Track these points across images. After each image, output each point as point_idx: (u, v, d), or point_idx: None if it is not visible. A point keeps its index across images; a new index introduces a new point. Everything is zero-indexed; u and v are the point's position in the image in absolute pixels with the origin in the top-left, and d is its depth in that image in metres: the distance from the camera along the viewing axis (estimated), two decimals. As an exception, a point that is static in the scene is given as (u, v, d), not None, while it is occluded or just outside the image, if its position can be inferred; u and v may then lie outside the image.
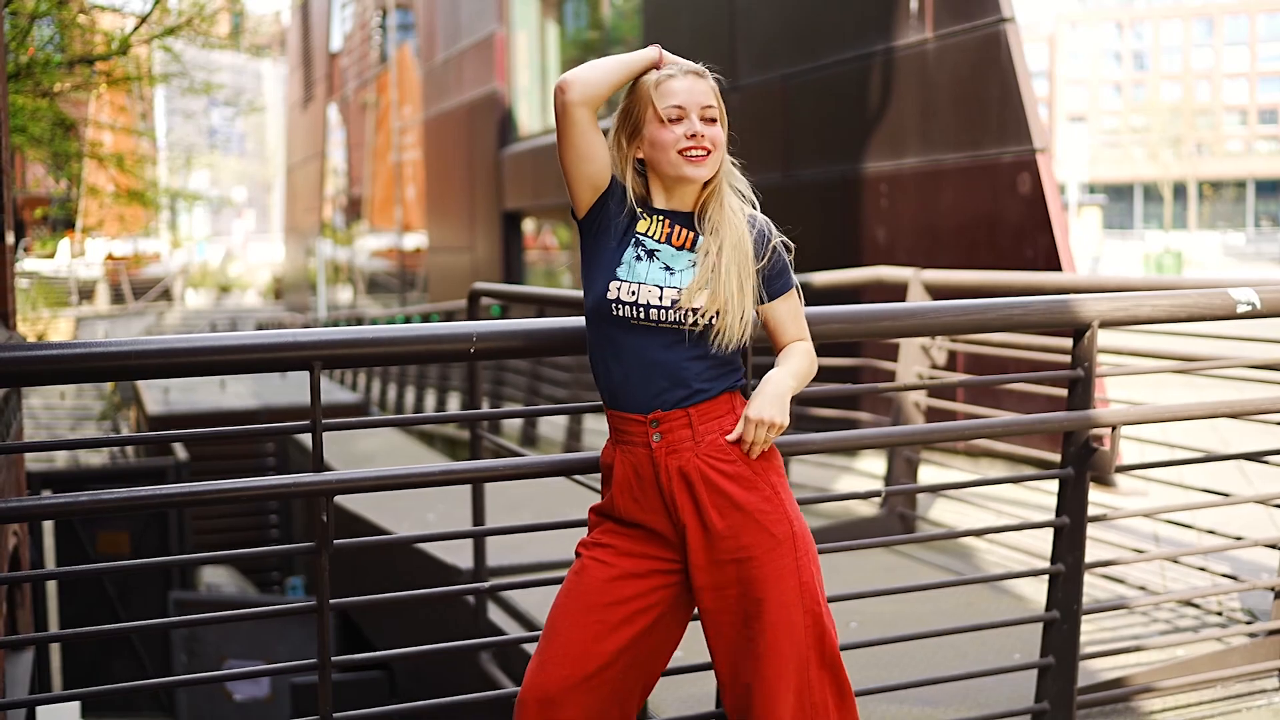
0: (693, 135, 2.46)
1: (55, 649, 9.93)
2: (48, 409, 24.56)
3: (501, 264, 20.98)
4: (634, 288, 2.46)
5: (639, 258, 2.49)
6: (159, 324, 38.94)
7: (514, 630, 5.02)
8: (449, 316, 15.37)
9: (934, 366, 6.38)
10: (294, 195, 51.86)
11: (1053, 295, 3.69)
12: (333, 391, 17.86)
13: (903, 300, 6.48)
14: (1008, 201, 8.69)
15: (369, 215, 36.70)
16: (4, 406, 5.32)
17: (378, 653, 3.12)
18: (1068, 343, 3.64)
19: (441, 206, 25.35)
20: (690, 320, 2.44)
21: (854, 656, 4.14)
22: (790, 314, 2.59)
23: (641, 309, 2.45)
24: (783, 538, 2.46)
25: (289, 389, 17.29)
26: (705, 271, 2.45)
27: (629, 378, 2.49)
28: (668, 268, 2.48)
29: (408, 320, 20.54)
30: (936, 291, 6.49)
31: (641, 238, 2.51)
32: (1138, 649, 4.10)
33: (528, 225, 21.41)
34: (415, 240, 29.55)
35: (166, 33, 16.45)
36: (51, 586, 10.40)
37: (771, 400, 2.46)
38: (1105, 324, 3.54)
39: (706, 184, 2.52)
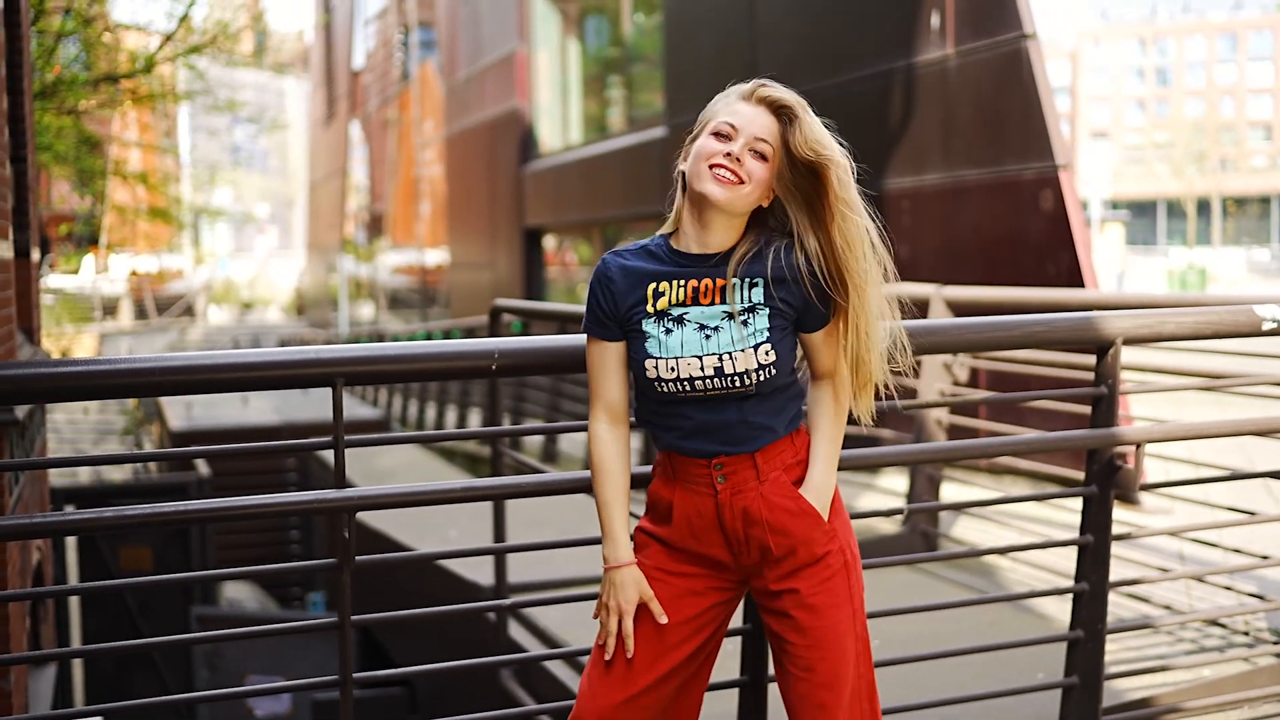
0: (728, 154, 2.35)
1: (77, 664, 9.96)
2: (71, 424, 24.71)
3: (522, 280, 21.03)
4: (672, 363, 2.37)
5: (668, 330, 2.39)
6: (182, 340, 39.16)
7: (535, 647, 5.01)
8: (470, 333, 15.41)
9: (956, 383, 6.35)
10: (316, 212, 52.14)
11: (1076, 312, 3.67)
12: (354, 408, 17.90)
13: (924, 317, 6.46)
14: (1030, 218, 8.67)
15: (390, 231, 36.87)
16: (28, 422, 5.34)
17: (399, 669, 3.11)
18: (1091, 360, 3.62)
19: (463, 223, 25.44)
20: (740, 384, 2.37)
21: (876, 675, 4.11)
22: (828, 344, 2.49)
23: (685, 383, 2.37)
24: (838, 568, 2.48)
25: (311, 405, 17.33)
26: (742, 328, 2.37)
27: (689, 437, 2.43)
28: (702, 328, 2.38)
29: (429, 337, 20.60)
30: (958, 308, 6.46)
31: (663, 311, 2.41)
32: (1163, 669, 4.06)
33: (549, 242, 21.46)
34: (436, 256, 29.66)
35: (191, 51, 16.60)
36: (74, 601, 10.44)
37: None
38: (1129, 341, 3.52)
39: (751, 228, 2.43)
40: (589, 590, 2.99)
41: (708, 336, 2.37)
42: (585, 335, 2.50)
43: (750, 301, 2.40)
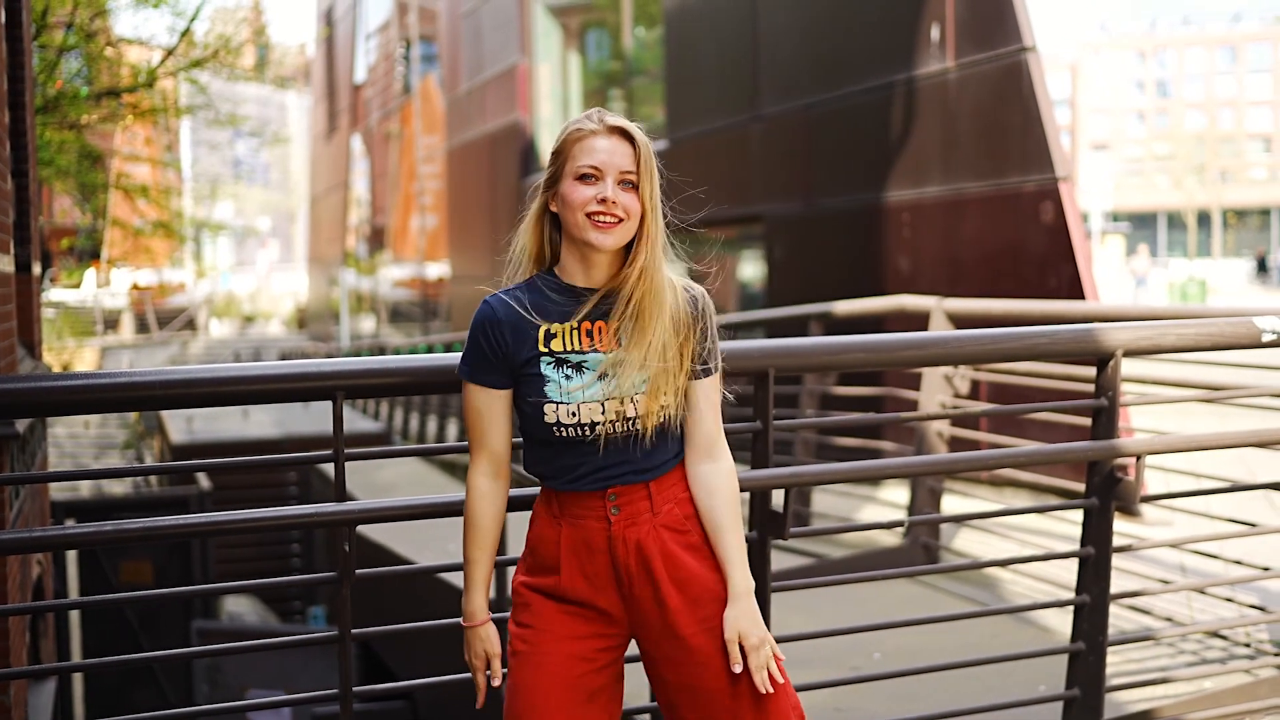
0: (602, 200, 2.29)
1: (78, 678, 9.95)
2: (72, 438, 24.70)
3: (524, 294, 21.03)
4: (573, 409, 2.30)
5: (567, 376, 2.31)
6: (183, 353, 39.17)
7: (535, 660, 4.99)
8: (471, 346, 15.37)
9: (957, 395, 6.35)
10: (318, 225, 52.17)
11: (1076, 324, 3.67)
12: (355, 421, 17.90)
13: (925, 329, 6.46)
14: (1030, 230, 8.68)
15: (392, 245, 36.89)
16: (29, 436, 5.35)
17: (400, 683, 3.11)
18: (1092, 372, 3.62)
19: (464, 236, 25.46)
20: (641, 426, 2.31)
21: (877, 688, 4.11)
22: (711, 399, 2.41)
23: (586, 428, 2.30)
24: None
25: (311, 418, 17.33)
26: (641, 370, 2.29)
27: (583, 477, 2.35)
28: (601, 376, 2.30)
29: (430, 350, 20.60)
30: (959, 320, 6.47)
31: (561, 355, 2.33)
32: (1164, 681, 4.06)
33: (550, 255, 21.50)
34: (438, 270, 29.68)
35: (193, 65, 16.63)
36: (74, 615, 10.43)
37: (755, 620, 2.35)
38: (1129, 353, 3.52)
39: (633, 259, 2.34)
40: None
41: (609, 380, 2.30)
42: (465, 382, 2.41)
43: None
